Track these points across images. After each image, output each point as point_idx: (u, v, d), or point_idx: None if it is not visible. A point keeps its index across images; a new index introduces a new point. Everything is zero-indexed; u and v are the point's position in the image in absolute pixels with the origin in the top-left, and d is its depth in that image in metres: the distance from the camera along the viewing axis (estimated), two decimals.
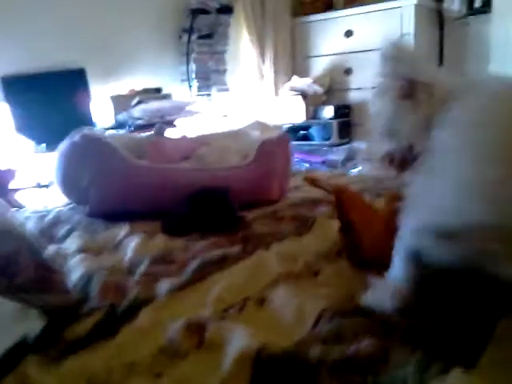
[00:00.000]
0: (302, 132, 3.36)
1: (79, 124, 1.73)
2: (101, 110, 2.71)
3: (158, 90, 2.87)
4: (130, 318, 0.86)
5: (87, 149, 1.53)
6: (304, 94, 3.46)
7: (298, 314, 0.85)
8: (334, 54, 3.59)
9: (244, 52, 3.57)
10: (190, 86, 3.13)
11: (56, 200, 1.77)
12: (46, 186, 2.00)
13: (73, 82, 2.58)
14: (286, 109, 3.47)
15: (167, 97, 2.84)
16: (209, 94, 3.18)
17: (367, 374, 0.66)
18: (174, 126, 2.45)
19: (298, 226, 1.34)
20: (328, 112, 3.37)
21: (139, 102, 2.61)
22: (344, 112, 3.40)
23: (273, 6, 3.61)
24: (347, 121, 3.41)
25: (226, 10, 3.20)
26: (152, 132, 1.96)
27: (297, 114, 3.42)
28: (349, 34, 3.47)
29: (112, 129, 2.52)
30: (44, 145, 2.20)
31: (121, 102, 2.69)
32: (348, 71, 3.48)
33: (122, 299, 0.92)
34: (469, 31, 3.34)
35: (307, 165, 2.80)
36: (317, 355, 0.69)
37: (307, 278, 1.02)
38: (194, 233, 1.30)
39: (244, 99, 3.50)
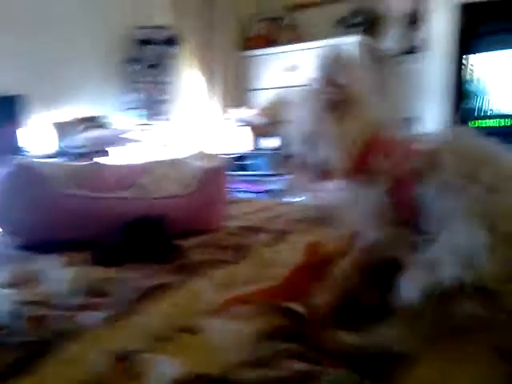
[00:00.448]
0: (246, 162, 3.41)
1: (12, 152, 1.67)
2: (42, 138, 2.64)
3: (101, 119, 2.84)
4: (54, 351, 0.81)
5: (19, 178, 1.48)
6: (250, 125, 3.53)
7: (232, 341, 0.84)
8: (279, 88, 3.70)
9: (190, 83, 3.61)
10: (134, 115, 3.12)
11: None
12: None
13: (7, 108, 2.51)
14: (232, 139, 3.51)
15: (109, 125, 2.81)
16: (152, 124, 3.18)
17: None
18: (115, 154, 2.41)
19: (235, 253, 1.33)
20: (272, 143, 3.44)
21: (83, 130, 2.57)
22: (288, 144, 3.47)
23: (219, 40, 3.71)
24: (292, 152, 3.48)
25: (173, 41, 3.24)
26: (93, 160, 1.92)
27: (243, 144, 3.47)
28: (294, 68, 3.60)
29: (53, 157, 2.45)
30: None
31: (64, 130, 2.64)
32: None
33: (47, 332, 0.87)
34: (405, 69, 3.54)
35: (246, 195, 2.82)
36: (252, 377, 0.69)
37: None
38: (128, 263, 1.26)
39: (188, 129, 3.53)
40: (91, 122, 2.70)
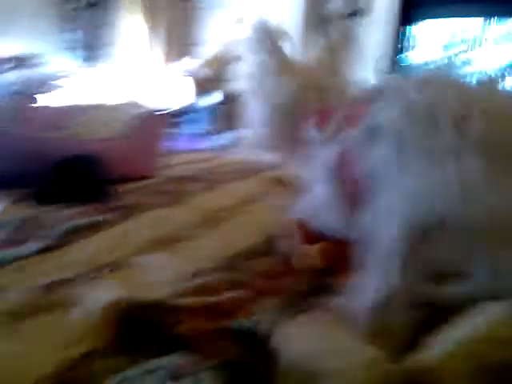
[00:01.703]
0: (188, 115, 3.37)
1: None
2: None
3: (35, 57, 2.67)
4: None
5: None
6: (194, 77, 3.46)
7: (169, 275, 0.86)
8: (224, 40, 3.64)
9: (133, 28, 3.47)
10: (72, 57, 2.98)
11: None
12: None
13: None
14: (174, 90, 3.44)
15: (44, 64, 2.66)
16: (93, 66, 3.05)
17: (227, 318, 0.70)
18: (50, 95, 2.31)
19: (169, 198, 1.35)
20: (216, 98, 3.41)
21: (13, 68, 2.41)
22: (232, 99, 3.46)
23: None
24: (234, 108, 3.47)
25: None
26: (22, 99, 1.84)
27: (186, 95, 3.42)
28: (239, 21, 3.54)
29: None
30: None
31: None
32: (238, 58, 3.54)
33: None
34: (349, 32, 3.58)
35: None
36: (182, 303, 0.73)
37: (179, 243, 1.03)
38: (61, 202, 1.23)
39: (130, 75, 3.41)
40: (22, 60, 2.54)
